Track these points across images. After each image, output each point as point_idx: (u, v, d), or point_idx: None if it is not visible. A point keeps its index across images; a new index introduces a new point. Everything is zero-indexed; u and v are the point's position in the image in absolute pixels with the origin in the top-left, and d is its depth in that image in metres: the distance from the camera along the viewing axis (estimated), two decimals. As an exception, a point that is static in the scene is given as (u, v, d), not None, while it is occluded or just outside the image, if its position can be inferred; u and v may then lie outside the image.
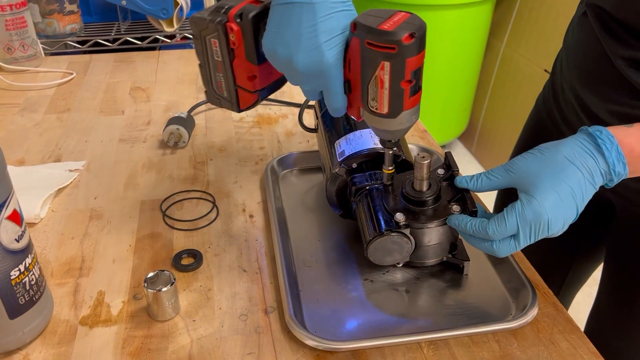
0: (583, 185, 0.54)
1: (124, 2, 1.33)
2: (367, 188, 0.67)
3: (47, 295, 0.60)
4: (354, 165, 0.69)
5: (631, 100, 0.66)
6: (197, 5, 1.52)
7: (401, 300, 0.65)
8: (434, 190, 0.63)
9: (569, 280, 0.97)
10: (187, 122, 0.94)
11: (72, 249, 0.71)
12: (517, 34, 2.24)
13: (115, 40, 1.44)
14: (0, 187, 0.51)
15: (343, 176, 0.69)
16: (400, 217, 0.61)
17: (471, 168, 2.49)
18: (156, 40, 1.47)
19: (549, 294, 0.65)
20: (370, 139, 0.69)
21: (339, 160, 0.69)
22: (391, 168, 0.64)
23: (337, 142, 0.72)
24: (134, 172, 0.87)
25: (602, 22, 0.68)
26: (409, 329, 0.61)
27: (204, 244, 0.72)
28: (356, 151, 0.68)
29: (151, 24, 1.42)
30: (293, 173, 0.88)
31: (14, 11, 1.16)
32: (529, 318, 0.60)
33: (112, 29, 1.47)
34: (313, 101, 0.85)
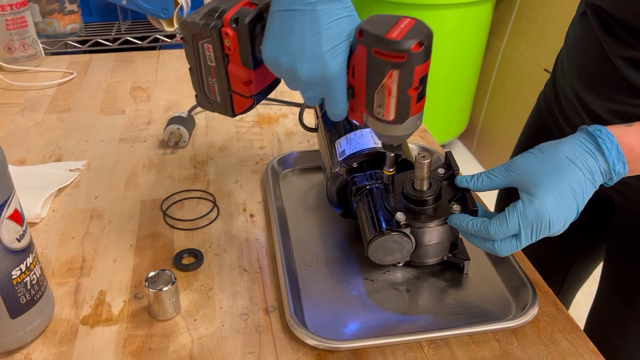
0: (583, 185, 0.54)
1: (124, 2, 1.33)
2: (368, 187, 0.67)
3: (48, 295, 0.60)
4: (355, 165, 0.69)
5: (631, 100, 0.66)
6: (197, 5, 1.52)
7: (402, 299, 0.65)
8: (435, 189, 0.63)
9: (570, 279, 0.97)
10: (188, 122, 0.94)
11: (72, 249, 0.71)
12: (517, 33, 2.24)
13: (116, 40, 1.44)
14: (1, 187, 0.51)
15: (343, 176, 0.70)
16: (400, 216, 0.61)
17: (471, 167, 2.49)
18: (156, 40, 1.47)
19: (549, 293, 0.65)
20: (371, 138, 0.69)
21: (339, 160, 0.69)
22: (392, 170, 0.64)
23: (337, 142, 0.72)
24: (134, 172, 0.87)
25: (602, 22, 0.68)
26: (410, 328, 0.61)
27: (204, 243, 0.72)
28: (357, 151, 0.68)
29: (151, 24, 1.42)
30: (293, 172, 0.88)
31: (14, 11, 1.16)
32: (530, 317, 0.60)
33: (113, 29, 1.47)
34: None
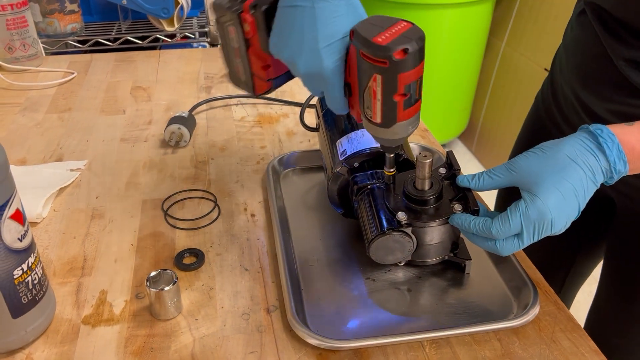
0: (585, 184, 0.54)
1: (124, 2, 1.33)
2: (369, 187, 0.67)
3: (50, 295, 0.60)
4: (356, 165, 0.69)
5: (632, 100, 0.66)
6: (197, 4, 1.52)
7: (403, 299, 0.65)
8: (436, 189, 0.63)
9: (570, 278, 0.97)
10: (188, 122, 0.94)
11: (74, 249, 0.71)
12: (517, 33, 2.24)
13: (116, 39, 1.44)
14: (3, 187, 0.51)
15: (345, 175, 0.70)
16: (402, 216, 0.61)
17: (471, 167, 2.49)
18: (157, 39, 1.47)
19: (550, 293, 0.65)
20: (372, 138, 0.69)
21: (340, 160, 0.69)
22: (392, 170, 0.64)
23: (338, 141, 0.72)
24: (135, 172, 0.87)
25: (602, 22, 0.68)
26: (411, 327, 0.61)
27: (205, 243, 0.72)
28: (358, 150, 0.68)
29: (152, 24, 1.42)
30: (294, 172, 0.88)
31: (14, 11, 1.16)
32: (531, 317, 0.60)
33: (113, 29, 1.47)
34: (314, 100, 0.85)
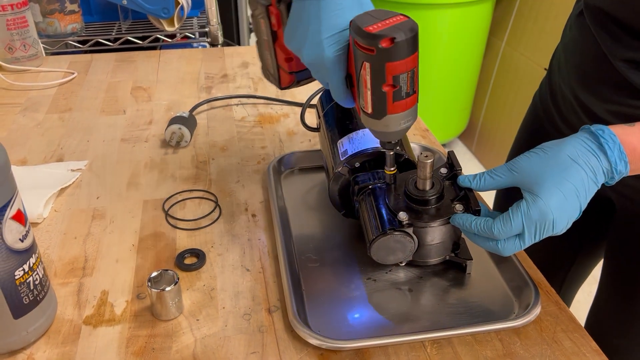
0: (586, 184, 0.54)
1: (124, 2, 1.33)
2: (370, 187, 0.67)
3: (51, 295, 0.60)
4: (357, 165, 0.69)
5: (631, 101, 0.66)
6: (197, 4, 1.52)
7: (404, 299, 0.65)
8: (437, 189, 0.63)
9: (570, 278, 0.97)
10: (189, 122, 0.94)
11: (75, 249, 0.71)
12: (517, 32, 2.24)
13: (116, 39, 1.44)
14: (4, 187, 0.51)
15: (346, 175, 0.70)
16: (403, 216, 0.61)
17: (471, 167, 2.49)
18: (157, 39, 1.47)
19: (551, 293, 0.65)
20: (373, 138, 0.69)
21: (341, 160, 0.69)
22: (393, 169, 0.64)
23: (339, 142, 0.72)
24: (136, 172, 0.87)
25: (600, 23, 0.68)
26: (412, 328, 0.61)
27: (206, 243, 0.72)
28: (359, 150, 0.68)
29: (152, 24, 1.42)
30: (295, 172, 0.88)
31: (15, 11, 1.16)
32: (532, 317, 0.60)
33: (113, 29, 1.47)
34: (315, 100, 0.85)
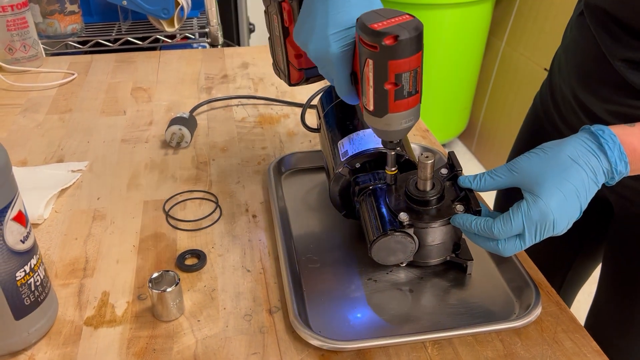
0: (587, 184, 0.54)
1: (124, 2, 1.33)
2: (371, 188, 0.67)
3: (52, 296, 0.60)
4: (357, 165, 0.69)
5: (631, 101, 0.66)
6: (197, 5, 1.52)
7: (405, 299, 0.65)
8: (438, 190, 0.63)
9: (571, 279, 0.97)
10: (189, 123, 0.94)
11: (75, 250, 0.71)
12: (517, 32, 2.25)
13: (116, 40, 1.44)
14: (5, 188, 0.51)
15: (346, 176, 0.70)
16: (404, 216, 0.61)
17: (471, 167, 2.49)
18: (157, 40, 1.47)
19: (552, 293, 0.65)
20: (374, 139, 0.69)
21: (342, 161, 0.69)
22: (394, 169, 0.64)
23: (340, 142, 0.72)
24: (136, 173, 0.87)
25: (600, 23, 0.68)
26: (413, 328, 0.61)
27: (207, 244, 0.72)
28: (359, 151, 0.68)
29: (152, 24, 1.42)
30: (295, 173, 0.88)
31: (15, 12, 1.16)
32: (533, 317, 0.60)
33: (113, 29, 1.47)
34: (315, 101, 0.85)
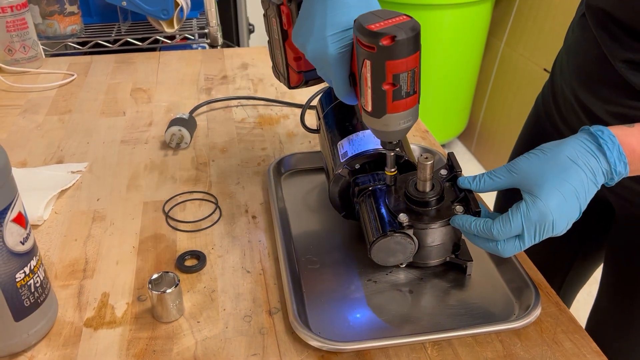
0: (586, 185, 0.54)
1: (124, 3, 1.33)
2: (370, 189, 0.67)
3: (52, 297, 0.60)
4: (357, 166, 0.69)
5: (631, 102, 0.66)
6: (197, 5, 1.52)
7: (404, 300, 0.65)
8: (437, 190, 0.63)
9: (571, 280, 0.97)
10: (189, 123, 0.94)
11: (75, 251, 0.71)
12: (517, 33, 2.25)
13: (116, 41, 1.44)
14: (5, 190, 0.51)
15: (346, 177, 0.70)
16: (403, 217, 0.61)
17: (471, 167, 2.49)
18: (157, 41, 1.47)
19: (551, 294, 0.65)
20: (373, 140, 0.69)
21: (341, 161, 0.69)
22: (393, 170, 0.64)
23: (339, 143, 0.72)
24: (136, 174, 0.87)
25: (601, 24, 0.68)
26: (413, 329, 0.61)
27: (207, 245, 0.72)
28: (359, 152, 0.68)
29: (152, 25, 1.42)
30: (295, 174, 0.88)
31: (14, 12, 1.16)
32: (532, 318, 0.60)
33: (113, 30, 1.47)
34: (315, 102, 0.85)
